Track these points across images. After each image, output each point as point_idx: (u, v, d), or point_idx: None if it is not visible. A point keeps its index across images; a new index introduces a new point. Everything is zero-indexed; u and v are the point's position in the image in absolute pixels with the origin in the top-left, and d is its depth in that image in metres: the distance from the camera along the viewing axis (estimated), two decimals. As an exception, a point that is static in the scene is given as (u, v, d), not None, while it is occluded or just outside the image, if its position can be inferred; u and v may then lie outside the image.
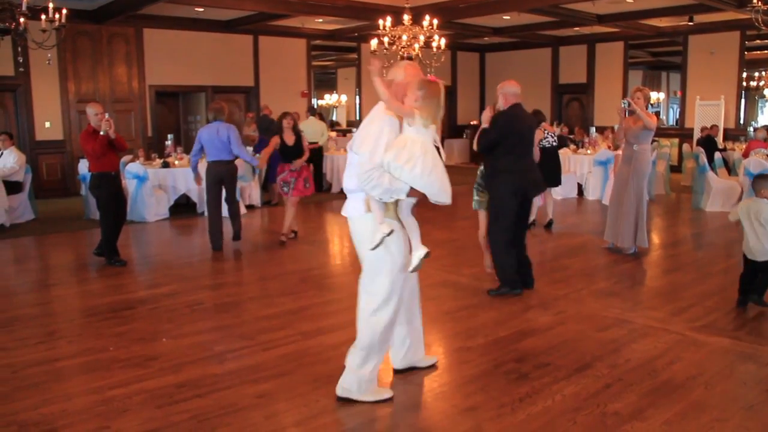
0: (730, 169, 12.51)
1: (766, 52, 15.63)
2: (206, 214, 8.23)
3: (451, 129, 19.26)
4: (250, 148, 10.65)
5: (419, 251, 3.61)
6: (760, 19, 7.24)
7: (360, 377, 3.71)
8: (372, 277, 3.67)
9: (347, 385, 3.74)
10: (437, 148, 3.56)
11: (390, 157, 3.40)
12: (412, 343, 4.12)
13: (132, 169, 9.89)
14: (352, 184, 3.63)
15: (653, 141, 10.92)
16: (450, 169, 3.71)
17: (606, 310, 5.44)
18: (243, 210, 9.86)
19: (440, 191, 3.49)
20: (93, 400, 3.80)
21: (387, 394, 3.83)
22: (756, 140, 12.16)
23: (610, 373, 4.14)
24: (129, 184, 9.78)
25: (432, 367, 4.24)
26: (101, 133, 6.87)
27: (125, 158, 10.05)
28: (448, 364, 4.34)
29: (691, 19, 14.69)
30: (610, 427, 3.44)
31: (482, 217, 6.26)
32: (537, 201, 8.55)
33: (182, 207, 10.76)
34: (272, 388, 3.96)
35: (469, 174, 11.86)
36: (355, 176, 3.55)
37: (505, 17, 14.56)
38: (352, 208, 3.70)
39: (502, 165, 5.71)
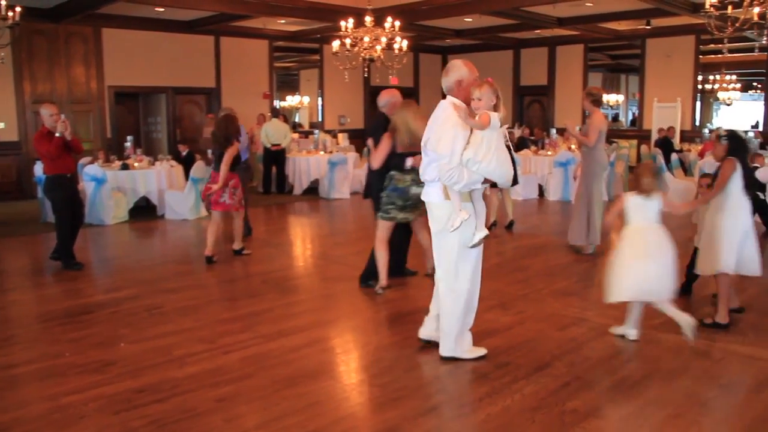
0: (686, 169, 12.80)
1: (719, 56, 16.03)
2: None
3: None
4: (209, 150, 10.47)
5: (481, 232, 4.16)
6: (712, 24, 7.40)
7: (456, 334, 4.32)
8: (444, 256, 4.24)
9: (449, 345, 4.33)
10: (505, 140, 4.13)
11: (470, 154, 3.96)
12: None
13: (90, 171, 9.70)
14: (429, 175, 4.17)
15: (612, 142, 11.13)
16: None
17: (565, 309, 5.52)
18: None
19: (508, 180, 4.19)
20: (48, 407, 3.72)
21: (482, 351, 4.41)
22: (711, 142, 12.45)
23: (569, 371, 4.20)
24: (87, 187, 9.59)
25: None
26: (56, 134, 6.73)
27: (84, 160, 9.87)
28: (409, 365, 4.36)
29: (648, 23, 15.01)
30: (569, 424, 3.49)
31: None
32: (494, 201, 8.56)
33: (142, 210, 10.60)
34: (233, 391, 3.93)
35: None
36: (431, 169, 4.13)
37: (467, 19, 14.68)
38: (431, 194, 4.23)
39: None
